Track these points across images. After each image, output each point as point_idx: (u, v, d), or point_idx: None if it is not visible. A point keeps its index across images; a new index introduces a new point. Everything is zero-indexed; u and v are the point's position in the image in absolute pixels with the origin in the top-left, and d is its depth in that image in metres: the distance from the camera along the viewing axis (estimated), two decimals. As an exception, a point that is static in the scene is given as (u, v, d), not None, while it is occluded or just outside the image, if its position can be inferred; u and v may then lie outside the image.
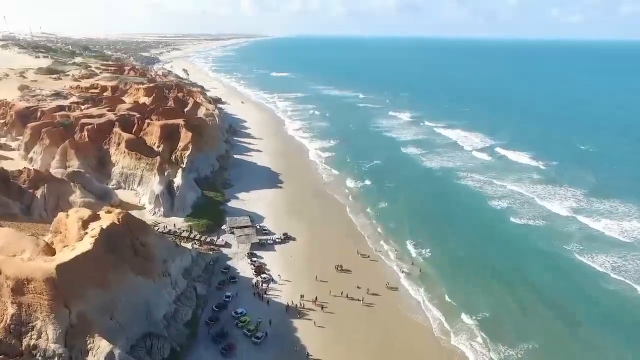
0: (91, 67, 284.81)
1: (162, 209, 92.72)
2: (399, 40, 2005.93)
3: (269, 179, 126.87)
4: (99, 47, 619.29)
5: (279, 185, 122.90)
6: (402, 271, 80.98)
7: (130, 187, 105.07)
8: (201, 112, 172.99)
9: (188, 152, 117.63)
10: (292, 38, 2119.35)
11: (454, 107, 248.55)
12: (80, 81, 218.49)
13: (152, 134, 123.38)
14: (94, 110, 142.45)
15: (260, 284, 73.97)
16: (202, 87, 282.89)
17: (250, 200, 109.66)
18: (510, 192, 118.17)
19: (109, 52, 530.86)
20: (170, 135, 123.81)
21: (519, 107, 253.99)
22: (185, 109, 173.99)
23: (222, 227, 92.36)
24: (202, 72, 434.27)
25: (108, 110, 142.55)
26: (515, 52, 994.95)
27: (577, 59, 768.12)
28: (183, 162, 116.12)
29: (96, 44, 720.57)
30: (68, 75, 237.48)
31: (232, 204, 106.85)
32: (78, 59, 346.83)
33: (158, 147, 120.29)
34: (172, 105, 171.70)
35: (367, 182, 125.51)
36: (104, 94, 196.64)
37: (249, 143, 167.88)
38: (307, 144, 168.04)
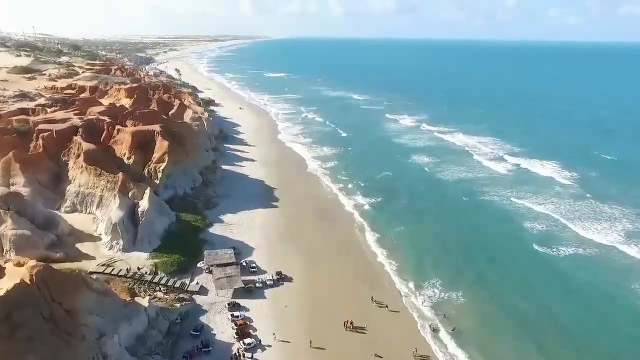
0: (74, 66, 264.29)
1: (121, 242, 72.32)
2: (398, 41, 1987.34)
3: (261, 195, 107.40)
4: (94, 48, 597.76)
5: (274, 203, 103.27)
6: (432, 328, 61.59)
7: (88, 210, 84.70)
8: (187, 116, 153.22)
9: (163, 165, 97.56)
10: (291, 39, 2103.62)
11: (456, 109, 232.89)
12: (57, 81, 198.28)
13: (122, 143, 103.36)
14: (59, 114, 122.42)
15: (243, 354, 54.17)
16: (194, 87, 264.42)
17: (237, 225, 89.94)
18: (537, 213, 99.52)
19: (103, 52, 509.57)
20: (144, 144, 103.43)
21: (522, 109, 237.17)
22: (170, 112, 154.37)
23: (199, 265, 72.59)
24: (197, 72, 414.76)
25: (76, 114, 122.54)
26: (515, 53, 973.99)
27: (577, 61, 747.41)
28: (157, 178, 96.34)
29: (92, 44, 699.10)
30: (45, 74, 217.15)
31: (215, 229, 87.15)
32: (64, 59, 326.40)
33: (129, 158, 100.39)
34: (155, 107, 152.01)
35: (376, 199, 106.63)
36: (82, 95, 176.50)
37: (242, 151, 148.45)
38: (306, 152, 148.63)
